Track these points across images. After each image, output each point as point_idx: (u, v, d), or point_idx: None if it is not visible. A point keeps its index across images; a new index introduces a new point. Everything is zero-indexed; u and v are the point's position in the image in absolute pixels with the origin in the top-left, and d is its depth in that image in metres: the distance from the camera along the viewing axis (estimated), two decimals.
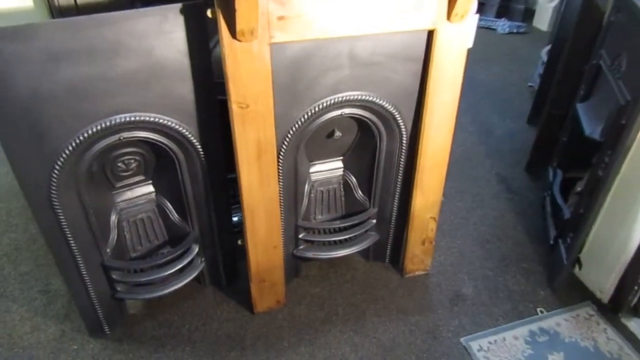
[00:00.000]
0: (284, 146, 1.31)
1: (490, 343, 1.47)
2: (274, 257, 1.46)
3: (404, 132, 1.41)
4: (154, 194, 1.50)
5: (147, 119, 1.19)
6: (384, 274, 1.72)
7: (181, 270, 1.50)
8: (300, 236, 1.57)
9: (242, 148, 1.22)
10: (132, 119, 1.18)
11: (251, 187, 1.30)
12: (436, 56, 1.25)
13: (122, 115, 1.16)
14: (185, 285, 1.52)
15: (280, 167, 1.33)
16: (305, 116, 1.28)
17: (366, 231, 1.63)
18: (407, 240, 1.62)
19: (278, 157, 1.31)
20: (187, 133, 1.26)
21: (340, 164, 1.61)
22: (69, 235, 1.27)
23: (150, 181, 1.48)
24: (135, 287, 1.49)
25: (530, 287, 1.66)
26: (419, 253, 1.65)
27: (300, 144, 1.37)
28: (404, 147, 1.44)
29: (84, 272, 1.35)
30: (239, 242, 1.43)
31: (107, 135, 1.19)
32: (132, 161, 1.37)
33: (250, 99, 1.16)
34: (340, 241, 1.62)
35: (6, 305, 1.60)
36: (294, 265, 1.65)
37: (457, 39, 1.25)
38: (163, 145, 1.29)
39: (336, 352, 1.46)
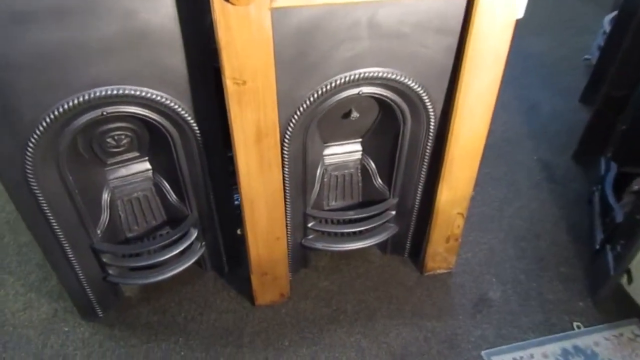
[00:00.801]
0: (290, 129, 1.13)
1: None
2: (276, 249, 1.31)
3: (431, 116, 1.20)
4: (150, 172, 1.36)
5: (132, 92, 1.04)
6: (401, 270, 1.55)
7: (178, 255, 1.38)
8: (310, 225, 1.42)
9: (238, 131, 1.06)
10: (114, 92, 1.02)
11: (250, 174, 1.14)
12: (476, 28, 1.03)
13: (102, 88, 1.01)
14: (184, 270, 1.40)
15: (285, 152, 1.17)
16: (315, 95, 1.09)
17: (384, 223, 1.46)
18: (429, 237, 1.44)
19: (282, 141, 1.14)
20: (179, 109, 1.10)
21: (358, 147, 1.43)
22: (51, 217, 1.16)
23: (147, 157, 1.35)
24: (129, 271, 1.38)
25: (567, 296, 1.47)
26: (442, 251, 1.48)
27: (310, 125, 1.19)
28: (431, 133, 1.24)
29: (71, 256, 1.25)
30: (238, 231, 1.30)
31: (87, 109, 1.05)
32: (123, 137, 1.23)
33: (247, 74, 0.98)
34: (354, 233, 1.46)
35: (2, 277, 1.53)
36: (302, 254, 1.51)
37: (503, 8, 1.01)
38: (154, 122, 1.14)
39: (340, 356, 1.32)
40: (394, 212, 1.45)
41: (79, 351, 1.33)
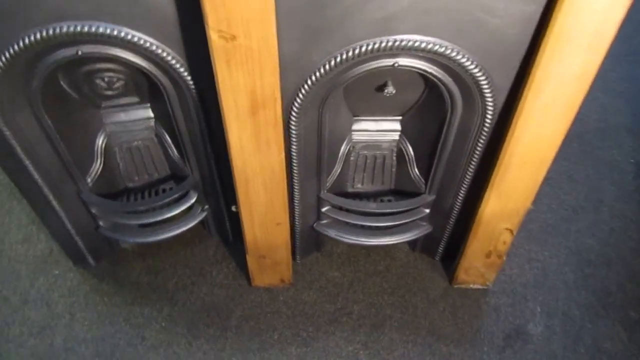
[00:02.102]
0: (298, 100, 0.89)
1: None
2: (277, 235, 1.13)
3: (489, 107, 0.91)
4: (152, 121, 1.20)
5: (107, 32, 0.84)
6: (427, 275, 1.32)
7: (176, 217, 1.24)
8: (324, 210, 1.20)
9: (227, 98, 0.84)
10: (85, 29, 0.83)
11: (243, 151, 0.93)
12: None
13: (70, 23, 0.82)
14: (186, 230, 1.27)
15: (292, 128, 0.94)
16: (333, 62, 0.83)
17: (413, 221, 1.21)
18: (465, 248, 1.18)
19: (289, 115, 0.91)
20: (167, 57, 0.89)
21: (396, 126, 1.16)
22: (29, 164, 1.03)
23: (148, 104, 1.18)
24: (121, 226, 1.27)
25: (630, 350, 1.17)
26: (479, 266, 1.21)
27: (327, 97, 0.95)
28: (485, 128, 0.95)
29: (56, 205, 1.14)
30: (233, 208, 1.12)
31: (57, 47, 0.87)
32: (115, 79, 1.06)
33: (237, 27, 0.74)
34: (376, 227, 1.23)
35: (11, 204, 1.49)
36: (315, 238, 1.31)
37: None
38: (141, 69, 0.95)
39: None
40: (427, 210, 1.20)
41: (62, 299, 1.27)
